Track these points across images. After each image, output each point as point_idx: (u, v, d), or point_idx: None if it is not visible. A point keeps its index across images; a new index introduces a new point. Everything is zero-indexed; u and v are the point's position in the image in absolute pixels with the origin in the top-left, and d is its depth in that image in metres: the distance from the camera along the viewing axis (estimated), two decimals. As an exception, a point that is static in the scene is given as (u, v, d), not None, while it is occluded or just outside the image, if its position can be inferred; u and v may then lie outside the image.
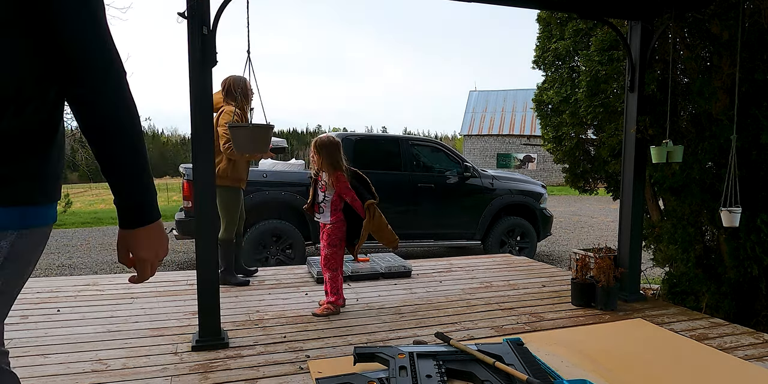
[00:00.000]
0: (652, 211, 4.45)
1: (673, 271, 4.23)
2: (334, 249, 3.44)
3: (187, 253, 7.84)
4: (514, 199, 6.96)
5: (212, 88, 2.80)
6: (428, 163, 6.93)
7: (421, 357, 2.41)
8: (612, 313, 3.51)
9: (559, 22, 4.94)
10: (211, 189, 2.82)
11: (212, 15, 2.72)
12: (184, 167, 5.87)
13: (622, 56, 4.03)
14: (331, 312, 3.41)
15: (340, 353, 2.73)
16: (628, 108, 3.79)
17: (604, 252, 3.92)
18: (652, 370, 2.55)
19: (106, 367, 2.52)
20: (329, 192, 3.40)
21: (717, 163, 3.78)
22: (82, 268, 6.73)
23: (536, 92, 5.31)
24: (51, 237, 9.62)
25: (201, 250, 2.81)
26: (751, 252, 3.48)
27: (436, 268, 5.01)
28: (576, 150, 4.88)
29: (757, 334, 3.11)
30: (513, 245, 6.93)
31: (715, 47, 3.63)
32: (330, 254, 3.44)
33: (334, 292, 3.46)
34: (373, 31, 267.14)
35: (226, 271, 4.17)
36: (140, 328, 3.09)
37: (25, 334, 2.96)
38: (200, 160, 2.78)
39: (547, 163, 27.67)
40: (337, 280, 3.47)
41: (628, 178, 3.82)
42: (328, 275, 3.46)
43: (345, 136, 6.55)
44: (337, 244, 3.45)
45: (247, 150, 3.06)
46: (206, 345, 2.78)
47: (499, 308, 3.62)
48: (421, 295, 3.98)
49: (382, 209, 3.55)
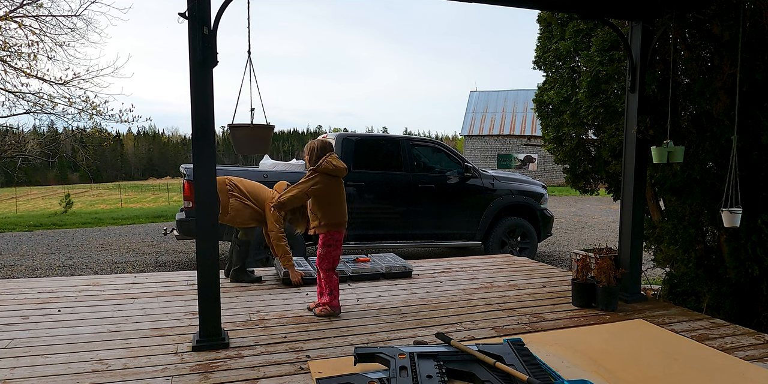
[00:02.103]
0: (652, 211, 4.45)
1: (674, 271, 4.22)
2: (329, 248, 3.42)
3: (187, 254, 7.84)
4: (515, 200, 6.95)
5: (213, 88, 2.80)
6: (429, 164, 6.93)
7: (421, 357, 2.41)
8: (613, 313, 3.51)
9: (559, 23, 4.93)
10: (211, 189, 2.82)
11: (213, 15, 2.72)
12: (185, 167, 5.87)
13: (623, 56, 4.03)
14: (328, 313, 3.39)
15: (340, 353, 2.73)
16: (628, 108, 3.79)
17: (605, 252, 3.92)
18: (652, 370, 2.55)
19: (106, 367, 2.52)
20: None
21: (718, 164, 3.77)
22: (82, 268, 6.73)
23: (537, 92, 5.31)
24: (52, 237, 9.64)
25: (201, 250, 2.81)
26: (752, 252, 3.48)
27: (436, 268, 5.00)
28: (577, 150, 4.87)
29: (757, 334, 3.11)
30: (513, 246, 6.92)
31: (716, 48, 3.62)
32: (324, 253, 3.42)
33: (328, 292, 3.43)
34: (374, 32, 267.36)
35: (240, 270, 4.31)
36: (141, 329, 3.09)
37: (25, 334, 2.96)
38: (201, 161, 2.78)
39: (548, 164, 27.66)
40: (332, 280, 3.43)
41: (628, 179, 3.82)
42: (322, 275, 3.44)
43: (346, 136, 6.55)
44: (332, 244, 3.43)
45: (247, 150, 3.06)
46: (207, 345, 2.78)
47: (499, 308, 3.62)
48: (421, 295, 3.98)
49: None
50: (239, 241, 4.32)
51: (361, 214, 6.31)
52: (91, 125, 12.04)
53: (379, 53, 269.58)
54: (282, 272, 4.30)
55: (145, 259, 7.40)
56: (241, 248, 4.32)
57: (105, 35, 37.12)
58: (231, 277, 4.32)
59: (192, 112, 2.75)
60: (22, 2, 9.57)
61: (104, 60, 63.92)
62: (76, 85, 10.58)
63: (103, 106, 10.97)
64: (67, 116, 11.15)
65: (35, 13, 9.91)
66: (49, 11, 10.02)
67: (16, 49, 9.73)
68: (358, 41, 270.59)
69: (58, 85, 10.49)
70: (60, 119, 11.39)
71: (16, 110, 11.02)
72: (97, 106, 10.90)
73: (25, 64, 9.88)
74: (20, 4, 9.57)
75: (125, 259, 7.34)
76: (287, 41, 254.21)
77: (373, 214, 6.39)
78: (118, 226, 12.05)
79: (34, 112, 11.01)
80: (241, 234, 4.35)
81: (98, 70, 11.34)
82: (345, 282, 4.35)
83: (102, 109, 11.00)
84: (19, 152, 12.54)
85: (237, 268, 4.31)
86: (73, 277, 4.48)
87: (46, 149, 12.86)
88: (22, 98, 10.68)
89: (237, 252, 4.32)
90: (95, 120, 11.40)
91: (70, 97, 10.68)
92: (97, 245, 8.64)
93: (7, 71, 9.96)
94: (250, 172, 6.39)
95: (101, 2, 10.52)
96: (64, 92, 10.66)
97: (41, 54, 10.00)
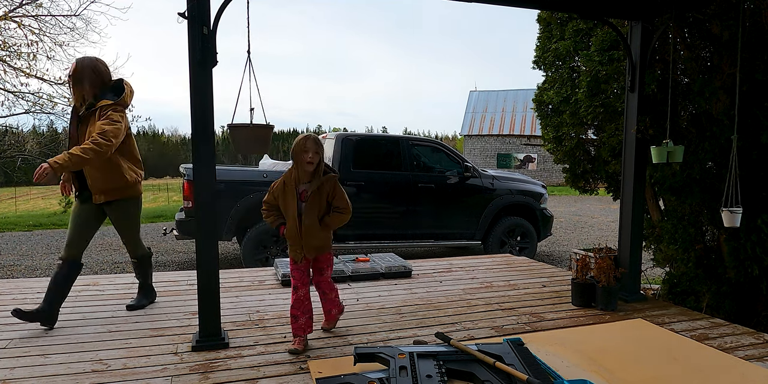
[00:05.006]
0: (652, 211, 4.45)
1: (674, 271, 4.23)
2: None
3: (187, 253, 7.84)
4: (515, 199, 6.96)
5: (213, 89, 2.80)
6: (429, 163, 6.93)
7: (421, 357, 2.41)
8: (612, 313, 3.51)
9: (559, 22, 4.94)
10: (211, 189, 2.82)
11: (212, 15, 2.72)
12: (185, 167, 5.88)
13: (623, 56, 4.03)
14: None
15: (340, 353, 2.73)
16: (628, 108, 3.79)
17: (605, 252, 3.92)
18: (652, 370, 2.55)
19: (106, 367, 2.51)
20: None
21: (717, 163, 3.77)
22: (82, 268, 6.72)
23: (536, 92, 5.31)
24: (51, 237, 9.64)
25: (201, 250, 2.81)
26: (752, 252, 3.48)
27: (436, 268, 5.00)
28: (576, 150, 4.87)
29: (757, 334, 3.11)
30: (513, 245, 6.93)
31: (716, 47, 3.63)
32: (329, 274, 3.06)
33: (335, 295, 3.09)
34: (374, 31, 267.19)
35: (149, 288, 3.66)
36: (140, 329, 3.09)
37: (25, 334, 2.96)
38: (201, 160, 2.78)
39: (548, 164, 27.68)
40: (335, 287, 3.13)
41: (628, 178, 3.82)
42: (330, 293, 3.05)
43: (345, 136, 6.56)
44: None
45: (247, 150, 3.06)
46: (206, 345, 2.78)
47: (499, 308, 3.62)
48: (421, 295, 3.98)
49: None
50: (140, 259, 3.64)
51: (361, 213, 6.32)
52: (90, 125, 12.01)
53: (379, 53, 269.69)
54: (281, 273, 4.29)
55: (144, 259, 7.39)
56: (145, 266, 3.66)
57: (104, 35, 37.19)
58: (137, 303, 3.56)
59: (192, 112, 2.75)
60: (21, 2, 9.57)
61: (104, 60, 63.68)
62: (75, 85, 10.56)
63: (102, 105, 10.95)
64: (67, 116, 11.14)
65: (35, 13, 9.92)
66: (48, 11, 10.04)
67: (16, 49, 9.74)
68: (358, 41, 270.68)
69: (57, 85, 10.50)
70: (60, 119, 11.41)
71: (16, 110, 11.04)
72: (97, 106, 10.88)
73: (24, 64, 9.89)
74: (20, 4, 9.57)
75: (125, 259, 7.34)
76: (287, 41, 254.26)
77: (373, 214, 6.40)
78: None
79: (33, 111, 11.02)
80: (138, 248, 3.64)
81: (98, 70, 11.30)
82: (345, 282, 4.35)
83: (102, 109, 10.97)
84: (19, 152, 12.55)
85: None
86: (73, 277, 4.47)
87: (45, 149, 12.87)
88: (21, 98, 10.69)
89: (144, 271, 3.64)
90: (95, 120, 11.38)
91: (69, 97, 10.68)
92: (97, 245, 8.64)
93: (6, 71, 9.98)
94: (250, 172, 6.40)
95: (101, 2, 10.55)
96: (64, 92, 10.67)
97: (41, 54, 10.01)
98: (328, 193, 2.80)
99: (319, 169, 2.77)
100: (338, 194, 2.82)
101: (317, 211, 2.78)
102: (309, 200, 2.75)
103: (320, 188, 2.77)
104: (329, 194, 2.81)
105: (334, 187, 2.82)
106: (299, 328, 2.80)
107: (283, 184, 2.80)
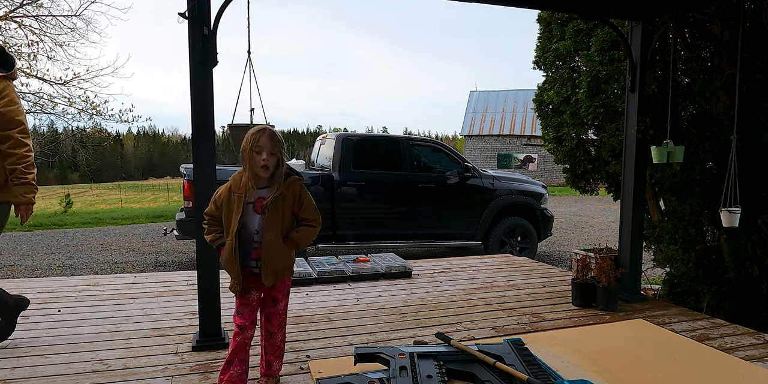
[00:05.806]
0: (652, 211, 4.45)
1: (674, 271, 4.22)
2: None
3: (187, 254, 7.84)
4: (515, 200, 6.95)
5: (213, 88, 2.80)
6: (429, 164, 6.93)
7: (421, 357, 2.41)
8: (612, 313, 3.51)
9: (559, 23, 4.94)
10: (211, 189, 2.81)
11: (213, 15, 2.72)
12: (185, 167, 5.88)
13: (623, 56, 4.03)
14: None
15: (340, 353, 2.73)
16: (628, 108, 3.79)
17: (605, 252, 3.92)
18: (652, 370, 2.55)
19: (106, 367, 2.52)
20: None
21: (718, 164, 3.77)
22: (82, 268, 6.73)
23: (537, 92, 5.31)
24: (52, 237, 9.64)
25: (202, 250, 2.81)
26: (752, 252, 3.48)
27: (436, 268, 5.00)
28: (577, 150, 4.87)
29: (757, 334, 3.11)
30: (513, 245, 6.92)
31: (716, 47, 3.62)
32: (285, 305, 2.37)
33: (281, 354, 2.39)
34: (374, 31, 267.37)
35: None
36: (141, 329, 3.10)
37: (26, 334, 2.96)
38: (201, 160, 2.78)
39: (548, 164, 27.66)
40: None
41: (628, 179, 3.82)
42: (281, 335, 2.36)
43: (346, 136, 6.56)
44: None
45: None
46: (207, 345, 2.78)
47: (499, 308, 3.62)
48: (421, 295, 3.98)
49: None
50: None
51: (361, 214, 6.32)
52: (91, 125, 12.05)
53: (379, 53, 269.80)
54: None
55: (145, 259, 7.39)
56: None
57: (105, 35, 37.12)
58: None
59: (192, 112, 2.76)
60: (22, 2, 9.57)
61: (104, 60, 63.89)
62: (76, 85, 10.59)
63: (103, 106, 10.98)
64: (67, 116, 11.15)
65: (35, 13, 9.92)
66: (49, 11, 10.03)
67: (16, 49, 9.73)
68: (359, 41, 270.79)
69: (58, 85, 10.49)
70: (60, 119, 11.39)
71: (16, 110, 11.00)
72: (97, 106, 10.91)
73: (24, 64, 9.88)
74: (20, 4, 9.57)
75: (125, 259, 7.34)
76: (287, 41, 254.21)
77: (373, 214, 6.40)
78: (118, 226, 12.04)
79: (34, 112, 11.00)
80: None
81: (98, 70, 11.33)
82: (345, 282, 4.35)
83: (102, 109, 11.01)
84: (19, 152, 12.49)
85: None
86: (73, 277, 4.48)
87: (46, 149, 12.87)
88: (21, 98, 10.68)
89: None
90: (95, 120, 11.41)
91: (70, 97, 10.68)
92: (97, 245, 8.64)
93: (7, 71, 9.94)
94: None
95: (101, 2, 10.51)
96: (64, 92, 10.66)
97: (41, 54, 10.00)
98: (293, 201, 2.18)
99: (278, 172, 2.14)
100: (306, 202, 2.21)
101: (280, 226, 2.15)
102: (269, 212, 2.12)
103: (282, 196, 2.14)
104: (294, 203, 2.18)
105: (300, 194, 2.20)
106: (230, 382, 2.17)
107: (228, 191, 2.18)
